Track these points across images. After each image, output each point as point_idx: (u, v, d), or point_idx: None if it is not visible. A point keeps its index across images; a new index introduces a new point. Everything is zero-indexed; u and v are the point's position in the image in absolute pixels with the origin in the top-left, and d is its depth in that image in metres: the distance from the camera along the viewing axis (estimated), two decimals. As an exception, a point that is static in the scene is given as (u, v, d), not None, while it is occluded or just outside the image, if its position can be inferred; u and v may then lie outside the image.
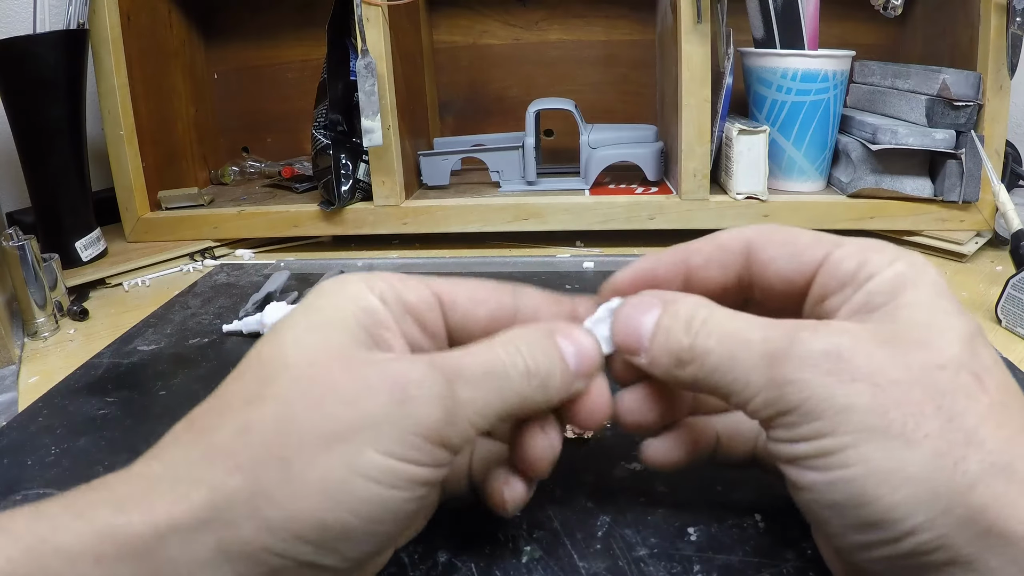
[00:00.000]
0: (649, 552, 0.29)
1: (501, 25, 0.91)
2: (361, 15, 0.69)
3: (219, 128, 0.97)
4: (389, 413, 0.21)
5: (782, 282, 0.26)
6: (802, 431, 0.22)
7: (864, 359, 0.22)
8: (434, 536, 0.30)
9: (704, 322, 0.24)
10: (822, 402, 0.22)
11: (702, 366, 0.24)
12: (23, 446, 0.39)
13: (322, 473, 0.21)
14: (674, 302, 0.26)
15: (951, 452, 0.21)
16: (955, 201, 0.67)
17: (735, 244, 0.27)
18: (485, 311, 0.27)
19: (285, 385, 0.22)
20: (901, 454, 0.21)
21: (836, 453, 0.21)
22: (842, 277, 0.25)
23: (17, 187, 0.79)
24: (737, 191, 0.71)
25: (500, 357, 0.24)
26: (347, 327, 0.23)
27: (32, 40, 0.66)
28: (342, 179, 0.76)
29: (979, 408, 0.21)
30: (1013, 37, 0.63)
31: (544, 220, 0.74)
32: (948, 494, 0.20)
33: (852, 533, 0.22)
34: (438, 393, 0.22)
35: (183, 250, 0.75)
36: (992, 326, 0.52)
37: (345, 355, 0.23)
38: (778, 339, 0.23)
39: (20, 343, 0.56)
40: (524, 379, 0.24)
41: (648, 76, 0.90)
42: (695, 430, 0.29)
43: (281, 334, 0.24)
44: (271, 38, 0.94)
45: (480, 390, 0.23)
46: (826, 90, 0.69)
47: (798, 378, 0.22)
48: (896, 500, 0.21)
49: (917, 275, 0.24)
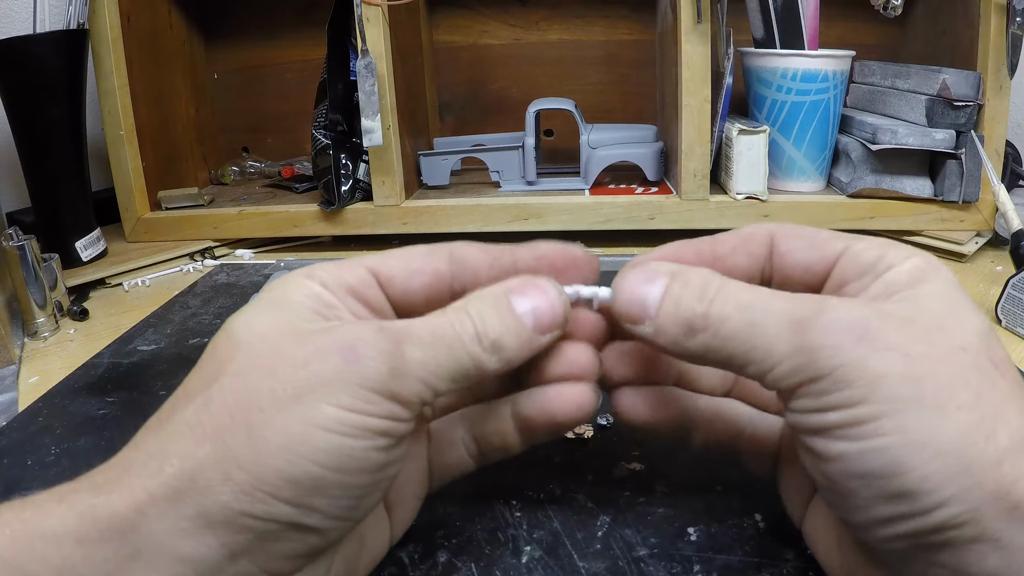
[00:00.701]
0: (649, 552, 0.29)
1: (501, 25, 0.91)
2: (361, 15, 0.69)
3: (219, 128, 0.97)
4: (339, 371, 0.22)
5: (802, 271, 0.26)
6: (832, 399, 0.21)
7: (893, 331, 0.22)
8: (434, 536, 0.30)
9: (719, 289, 0.24)
10: (855, 369, 0.21)
11: (716, 333, 0.23)
12: (23, 446, 0.39)
13: (282, 430, 0.21)
14: (683, 271, 0.25)
15: (983, 425, 0.21)
16: (955, 201, 0.67)
17: (760, 234, 0.27)
18: (420, 282, 0.27)
19: (240, 360, 0.23)
20: (936, 425, 0.21)
21: (870, 422, 0.21)
22: (862, 266, 0.25)
23: (17, 187, 0.79)
24: (737, 191, 0.71)
25: (449, 320, 0.25)
26: (294, 308, 0.24)
27: (32, 40, 0.66)
28: (342, 179, 0.76)
29: (1002, 388, 0.21)
30: (1013, 37, 0.63)
31: (544, 220, 0.74)
32: (980, 467, 0.20)
33: (880, 505, 0.21)
34: (386, 350, 0.23)
35: (183, 250, 0.75)
36: (992, 326, 0.52)
37: (295, 328, 0.23)
38: (804, 308, 0.23)
39: (20, 343, 0.56)
40: (474, 341, 0.25)
41: (648, 76, 0.90)
42: (673, 396, 0.29)
43: (231, 323, 0.24)
44: (271, 38, 0.94)
45: (428, 350, 0.24)
46: (826, 90, 0.69)
47: (830, 343, 0.22)
48: (929, 471, 0.20)
49: (934, 271, 0.24)
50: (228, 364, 0.23)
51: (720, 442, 0.30)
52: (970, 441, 0.20)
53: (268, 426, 0.21)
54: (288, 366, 0.22)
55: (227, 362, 0.23)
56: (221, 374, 0.23)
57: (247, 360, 0.23)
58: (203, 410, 0.22)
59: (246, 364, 0.23)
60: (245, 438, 0.21)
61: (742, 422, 0.30)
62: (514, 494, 0.33)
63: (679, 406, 0.29)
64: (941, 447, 0.20)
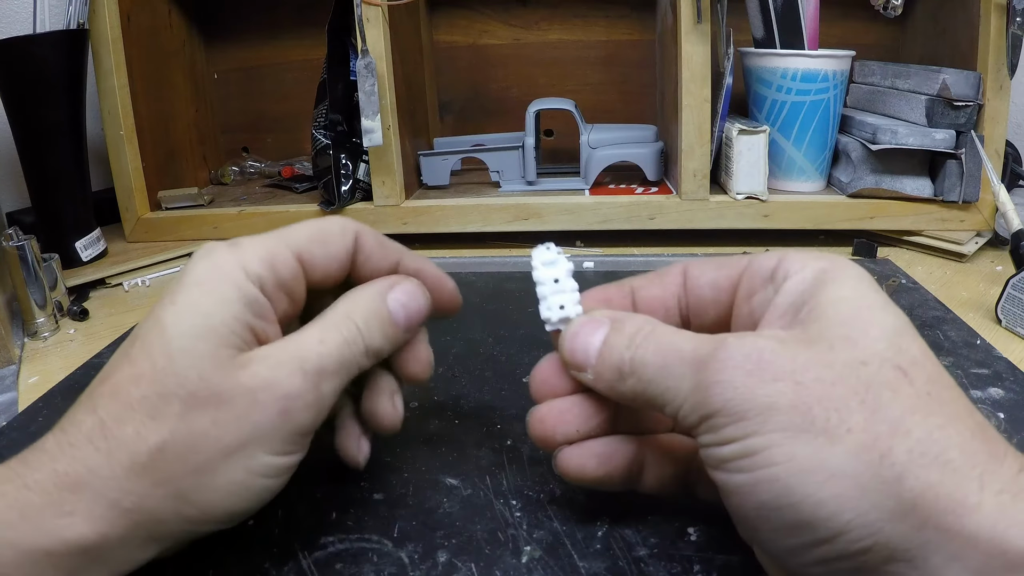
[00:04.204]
0: (649, 552, 0.29)
1: (501, 25, 0.91)
2: (361, 15, 0.69)
3: (219, 128, 0.97)
4: (274, 423, 0.25)
5: (710, 288, 0.28)
6: (727, 432, 0.22)
7: (786, 360, 0.22)
8: (434, 536, 0.30)
9: (646, 336, 0.25)
10: (744, 402, 0.22)
11: (640, 378, 0.25)
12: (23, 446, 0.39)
13: (227, 479, 0.25)
14: (622, 319, 0.27)
15: (876, 445, 0.20)
16: (955, 201, 0.67)
17: (674, 268, 0.30)
18: (333, 267, 0.30)
19: (184, 404, 0.24)
20: (825, 450, 0.20)
21: (760, 452, 0.21)
22: (762, 276, 0.26)
23: (17, 187, 0.79)
24: (737, 191, 0.71)
25: (347, 342, 0.28)
26: (229, 327, 0.26)
27: (32, 40, 0.66)
28: (342, 179, 0.76)
29: (904, 400, 0.21)
30: (1013, 37, 0.63)
31: (544, 220, 0.74)
32: (876, 487, 0.20)
33: (783, 537, 0.21)
34: (312, 401, 0.26)
35: (183, 250, 0.75)
36: (992, 326, 0.52)
37: (230, 366, 0.25)
38: (705, 346, 0.23)
39: (20, 343, 0.56)
40: (363, 355, 0.28)
41: (648, 76, 0.90)
42: (617, 444, 0.29)
43: (165, 327, 0.25)
44: (271, 38, 0.94)
45: (336, 378, 0.27)
46: (826, 90, 0.69)
47: (720, 379, 0.22)
48: (822, 497, 0.20)
49: (838, 271, 0.24)
50: (170, 402, 0.24)
51: (673, 476, 0.29)
52: (863, 462, 0.20)
53: (215, 474, 0.25)
54: (231, 418, 0.25)
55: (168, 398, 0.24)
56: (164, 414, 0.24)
57: (191, 405, 0.24)
58: (157, 455, 0.24)
59: (191, 410, 0.24)
60: (194, 483, 0.24)
61: (689, 453, 0.29)
62: (514, 494, 0.33)
63: (625, 452, 0.29)
64: (833, 471, 0.20)
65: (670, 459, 0.29)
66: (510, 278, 0.63)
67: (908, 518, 0.20)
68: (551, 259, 0.30)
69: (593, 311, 0.29)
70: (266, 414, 0.25)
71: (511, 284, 0.61)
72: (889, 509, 0.20)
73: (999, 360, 0.45)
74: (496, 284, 0.62)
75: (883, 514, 0.20)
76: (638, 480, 0.29)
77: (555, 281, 0.29)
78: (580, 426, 0.28)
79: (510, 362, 0.46)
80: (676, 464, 0.29)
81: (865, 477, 0.20)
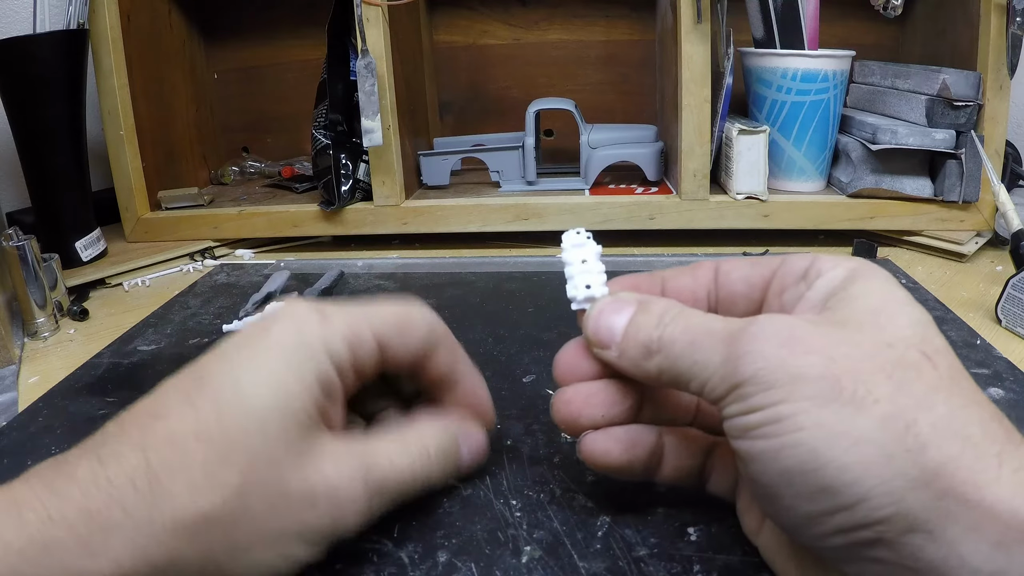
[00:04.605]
0: (649, 552, 0.29)
1: (501, 25, 0.91)
2: (361, 15, 0.69)
3: (219, 128, 0.97)
4: (323, 525, 0.26)
5: (743, 283, 0.29)
6: (755, 400, 0.22)
7: (817, 336, 0.23)
8: (434, 536, 0.30)
9: (674, 317, 0.26)
10: (775, 371, 0.22)
11: (667, 355, 0.26)
12: (23, 446, 0.39)
13: (261, 558, 0.25)
14: (648, 302, 0.28)
15: (902, 415, 0.21)
16: (955, 201, 0.67)
17: (706, 264, 0.30)
18: (406, 352, 0.30)
19: (246, 479, 0.24)
20: (852, 418, 0.21)
21: (787, 419, 0.21)
22: (795, 274, 0.27)
23: (17, 187, 0.80)
24: (737, 191, 0.71)
25: (412, 472, 0.29)
26: (306, 410, 0.26)
27: (32, 40, 0.66)
28: (342, 179, 0.76)
29: (928, 380, 0.22)
30: (1013, 37, 0.63)
31: (544, 220, 0.74)
32: (901, 455, 0.20)
33: (805, 503, 0.21)
34: (362, 513, 0.27)
35: (183, 250, 0.75)
36: (992, 326, 0.52)
37: (298, 453, 0.25)
38: (736, 324, 0.24)
39: (20, 343, 0.56)
40: (422, 484, 0.30)
41: (648, 76, 0.90)
42: (640, 432, 0.29)
43: (244, 391, 0.25)
44: (271, 38, 0.94)
45: (390, 499, 0.28)
46: (826, 90, 0.69)
47: (752, 349, 0.23)
48: (847, 462, 0.20)
49: (868, 269, 0.25)
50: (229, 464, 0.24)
51: (689, 468, 0.30)
52: (889, 430, 0.21)
53: (251, 552, 0.25)
54: (285, 506, 0.25)
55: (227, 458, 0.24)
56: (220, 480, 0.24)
57: (249, 476, 0.24)
58: (200, 522, 0.24)
59: (247, 482, 0.24)
60: (229, 556, 0.24)
61: (707, 445, 0.30)
62: (514, 494, 0.33)
63: (648, 440, 0.29)
64: (859, 438, 0.21)
65: (688, 451, 0.30)
66: (510, 278, 0.63)
67: (929, 488, 0.20)
68: (580, 241, 0.31)
69: (619, 292, 0.29)
70: (319, 516, 0.26)
71: (511, 284, 0.61)
72: (912, 478, 0.20)
73: (999, 360, 0.45)
74: (496, 284, 0.62)
75: (905, 482, 0.20)
76: (656, 470, 0.30)
77: (583, 262, 0.30)
78: (606, 411, 0.29)
79: (510, 362, 0.46)
80: (693, 456, 0.30)
81: (890, 445, 0.20)
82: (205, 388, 0.25)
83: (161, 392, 0.26)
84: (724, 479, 0.30)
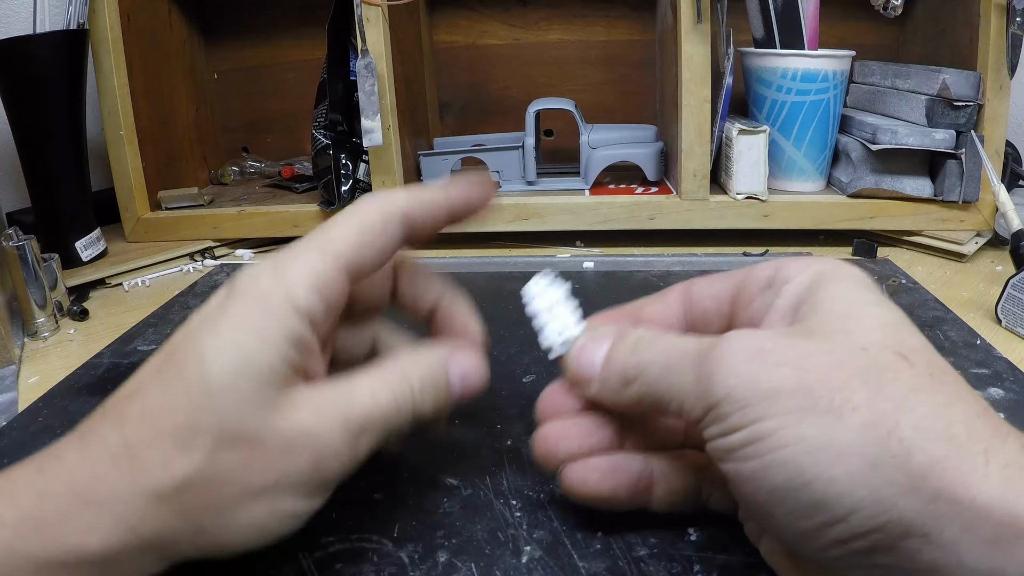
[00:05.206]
0: (649, 552, 0.29)
1: (501, 25, 0.91)
2: (361, 15, 0.69)
3: (219, 128, 0.97)
4: (304, 473, 0.25)
5: (712, 299, 0.29)
6: (733, 420, 0.22)
7: (787, 348, 0.23)
8: (434, 536, 0.30)
9: (649, 342, 0.26)
10: (748, 388, 0.22)
11: (644, 380, 0.26)
12: (23, 446, 0.39)
13: (248, 519, 0.25)
14: (625, 331, 0.28)
15: (883, 421, 0.21)
16: (955, 201, 0.67)
17: (675, 287, 0.31)
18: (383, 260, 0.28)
19: (216, 441, 0.24)
20: (833, 429, 0.21)
21: (768, 436, 0.21)
22: (761, 282, 0.27)
23: (17, 187, 0.80)
24: (737, 191, 0.71)
25: (397, 405, 0.27)
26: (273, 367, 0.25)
27: (32, 40, 0.66)
28: (342, 179, 0.76)
29: (906, 380, 0.22)
30: (1013, 37, 0.63)
31: (544, 220, 0.74)
32: (886, 462, 0.20)
33: (798, 520, 0.21)
34: (347, 456, 0.26)
35: (183, 250, 0.75)
36: (992, 326, 0.52)
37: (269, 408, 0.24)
38: (706, 342, 0.24)
39: (20, 343, 0.56)
40: (409, 420, 0.28)
41: (648, 76, 0.90)
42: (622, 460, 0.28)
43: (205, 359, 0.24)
44: (271, 38, 0.94)
45: (377, 436, 0.27)
46: (826, 90, 0.69)
47: (721, 368, 0.23)
48: (834, 475, 0.20)
49: (834, 272, 0.25)
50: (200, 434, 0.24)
51: (684, 490, 0.29)
52: (871, 438, 0.20)
53: (235, 513, 0.24)
54: (263, 460, 0.24)
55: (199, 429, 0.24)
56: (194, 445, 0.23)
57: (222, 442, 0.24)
58: (182, 490, 0.24)
59: (221, 446, 0.24)
60: (214, 519, 0.24)
61: (702, 464, 0.29)
62: (514, 494, 0.33)
63: (632, 468, 0.28)
64: (842, 449, 0.20)
65: (681, 473, 0.29)
66: (510, 278, 0.63)
67: (919, 492, 0.20)
68: (541, 290, 0.30)
69: (597, 327, 0.29)
70: (297, 463, 0.25)
71: (511, 284, 0.61)
72: (900, 484, 0.20)
73: (999, 360, 0.45)
74: (496, 284, 0.62)
75: (895, 489, 0.20)
76: (648, 497, 0.29)
77: (550, 310, 0.30)
78: (583, 441, 0.28)
79: (510, 362, 0.46)
80: (687, 477, 0.29)
81: (874, 453, 0.20)
82: (173, 363, 0.25)
83: (138, 373, 0.26)
84: (725, 495, 0.29)
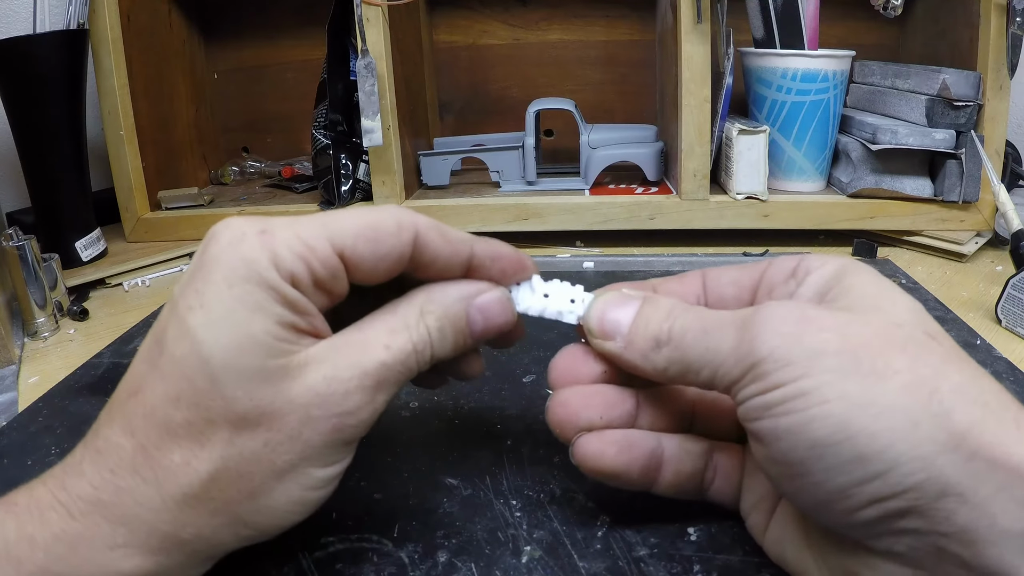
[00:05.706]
0: (649, 552, 0.29)
1: (501, 25, 0.91)
2: (361, 15, 0.69)
3: (219, 128, 0.97)
4: (329, 439, 0.24)
5: (732, 285, 0.29)
6: (775, 377, 0.22)
7: (828, 317, 0.23)
8: (434, 536, 0.30)
9: (684, 311, 0.26)
10: (793, 348, 0.22)
11: (678, 345, 0.26)
12: (23, 446, 0.39)
13: (286, 496, 0.24)
14: (656, 297, 0.28)
15: (924, 384, 0.21)
16: (955, 201, 0.67)
17: (693, 272, 0.31)
18: (383, 268, 0.26)
19: (234, 427, 0.23)
20: (876, 388, 0.21)
21: (812, 392, 0.22)
22: (784, 272, 0.28)
23: (17, 187, 0.80)
24: (737, 191, 0.71)
25: (416, 350, 0.26)
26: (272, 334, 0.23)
27: (32, 40, 0.66)
28: (342, 179, 0.76)
29: (939, 353, 0.23)
30: (1013, 37, 0.63)
31: (544, 220, 0.74)
32: (927, 420, 0.21)
33: (836, 475, 0.21)
34: (367, 414, 0.25)
35: (183, 250, 0.75)
36: (992, 326, 0.52)
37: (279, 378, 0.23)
38: (747, 310, 0.25)
39: (20, 343, 0.56)
40: (428, 364, 0.27)
41: (648, 76, 0.90)
42: (637, 436, 0.28)
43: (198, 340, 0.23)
44: (271, 38, 0.94)
45: (396, 388, 0.26)
46: (826, 90, 0.69)
47: (767, 329, 0.23)
48: (877, 429, 0.21)
49: (856, 265, 0.26)
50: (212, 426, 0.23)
51: (690, 474, 0.29)
52: (913, 397, 0.21)
53: (270, 495, 0.24)
54: (282, 438, 0.23)
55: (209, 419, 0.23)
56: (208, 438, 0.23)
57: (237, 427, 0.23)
58: (210, 484, 0.23)
59: (236, 432, 0.23)
60: (251, 507, 0.24)
61: (707, 449, 0.29)
62: (514, 494, 0.33)
63: (646, 444, 0.28)
64: (885, 406, 0.21)
65: (689, 456, 0.29)
66: (510, 278, 0.63)
67: (959, 450, 0.20)
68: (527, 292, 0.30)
69: (622, 288, 0.29)
70: (319, 431, 0.24)
71: (511, 284, 0.61)
72: (940, 442, 0.20)
73: (999, 360, 0.45)
74: (496, 284, 0.61)
75: (935, 447, 0.20)
76: (655, 477, 0.29)
77: (545, 296, 0.30)
78: (604, 412, 0.28)
79: (510, 362, 0.46)
80: (695, 461, 0.29)
81: (916, 411, 0.21)
82: (165, 351, 0.23)
83: (133, 365, 0.25)
84: (726, 484, 0.29)
